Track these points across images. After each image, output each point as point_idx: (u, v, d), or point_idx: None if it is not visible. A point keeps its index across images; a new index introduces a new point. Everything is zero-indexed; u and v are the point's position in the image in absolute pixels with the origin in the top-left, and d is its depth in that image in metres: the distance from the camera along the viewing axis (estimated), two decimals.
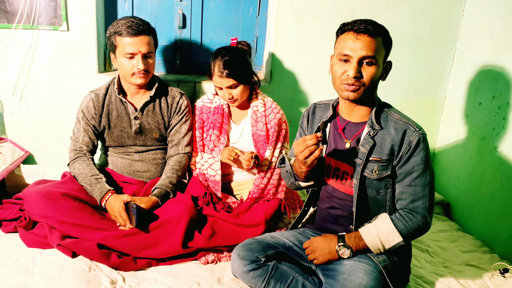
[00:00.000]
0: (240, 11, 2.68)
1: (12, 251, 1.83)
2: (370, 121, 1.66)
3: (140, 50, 2.03)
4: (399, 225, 1.61)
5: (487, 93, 2.46)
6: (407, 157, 1.61)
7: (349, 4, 2.60)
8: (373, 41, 1.54)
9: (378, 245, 1.63)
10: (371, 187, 1.68)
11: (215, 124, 2.23)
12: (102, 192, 2.01)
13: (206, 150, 2.26)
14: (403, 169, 1.63)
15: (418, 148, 1.60)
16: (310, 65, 2.68)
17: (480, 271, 2.07)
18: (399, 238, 1.61)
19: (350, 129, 1.72)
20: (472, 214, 2.56)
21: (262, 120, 2.22)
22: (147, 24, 2.08)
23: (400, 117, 1.66)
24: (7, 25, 2.35)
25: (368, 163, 1.65)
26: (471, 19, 2.66)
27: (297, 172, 1.76)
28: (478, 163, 2.52)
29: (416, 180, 1.62)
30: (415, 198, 1.63)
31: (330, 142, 1.77)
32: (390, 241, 1.62)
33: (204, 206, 2.08)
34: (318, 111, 1.86)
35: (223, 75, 2.07)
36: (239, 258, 1.73)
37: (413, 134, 1.60)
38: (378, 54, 1.56)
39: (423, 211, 1.63)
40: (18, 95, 2.49)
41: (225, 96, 2.14)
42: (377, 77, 1.60)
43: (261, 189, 2.21)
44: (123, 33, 2.01)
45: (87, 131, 2.16)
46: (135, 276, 1.82)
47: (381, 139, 1.64)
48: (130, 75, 2.07)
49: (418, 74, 2.81)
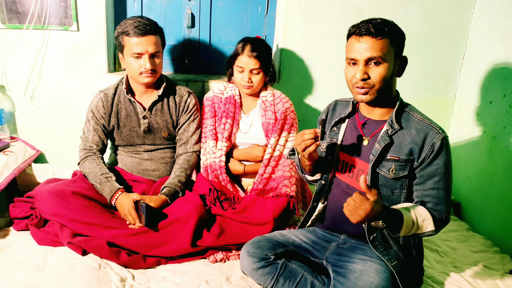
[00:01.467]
0: (249, 10, 2.69)
1: (23, 248, 1.86)
2: (390, 119, 1.64)
3: (147, 50, 2.04)
4: (434, 215, 1.59)
5: (498, 91, 2.44)
6: (430, 160, 1.59)
7: (358, 2, 2.59)
8: (377, 41, 1.52)
9: (413, 224, 1.55)
10: (386, 186, 1.67)
11: (228, 114, 2.25)
12: (112, 191, 2.02)
13: (220, 138, 2.26)
14: (425, 172, 1.61)
15: (442, 151, 1.58)
16: (318, 64, 2.68)
17: (490, 272, 2.05)
18: (432, 226, 1.58)
19: (370, 126, 1.71)
20: (482, 214, 2.54)
21: (271, 109, 2.25)
22: (154, 24, 2.09)
23: (422, 118, 1.64)
24: (19, 26, 2.38)
25: (385, 161, 1.64)
26: (482, 17, 2.63)
27: (303, 165, 1.79)
28: (489, 162, 2.49)
29: (439, 183, 1.61)
30: (438, 202, 1.62)
31: (347, 138, 1.76)
32: (424, 227, 1.58)
33: (212, 206, 2.09)
34: (339, 107, 1.85)
35: (252, 55, 2.13)
36: (248, 256, 1.74)
37: (436, 136, 1.58)
38: (386, 53, 1.54)
39: (445, 214, 1.63)
40: (29, 95, 2.52)
41: (245, 78, 2.16)
42: (388, 75, 1.57)
43: (266, 179, 2.22)
44: (130, 33, 2.02)
45: (97, 131, 2.18)
46: (145, 274, 1.84)
47: (400, 138, 1.62)
48: (138, 75, 2.08)
49: (428, 73, 2.79)
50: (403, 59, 1.64)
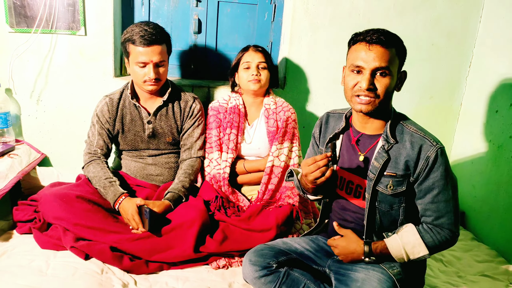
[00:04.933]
0: (255, 16, 2.69)
1: (26, 252, 1.86)
2: (385, 134, 1.60)
3: (152, 59, 2.04)
4: (426, 238, 1.58)
5: (504, 100, 2.43)
6: (425, 174, 1.55)
7: (365, 10, 2.59)
8: (386, 52, 1.50)
9: (403, 255, 1.59)
10: (385, 202, 1.64)
11: (233, 124, 2.25)
12: (116, 195, 2.03)
13: (224, 149, 2.26)
14: (423, 186, 1.58)
15: (437, 164, 1.54)
16: (324, 71, 2.68)
17: (495, 282, 2.04)
18: (425, 251, 1.58)
19: (364, 141, 1.68)
20: (487, 224, 2.52)
21: (274, 117, 2.27)
22: (160, 33, 2.07)
23: (416, 129, 1.59)
24: (27, 30, 2.39)
25: (383, 177, 1.61)
26: (489, 26, 2.63)
27: (304, 187, 1.75)
28: (494, 172, 2.48)
29: (438, 196, 1.57)
30: (439, 215, 1.58)
31: (343, 154, 1.73)
32: (415, 253, 1.59)
33: (216, 211, 2.09)
34: (332, 121, 1.81)
35: (258, 49, 2.24)
36: (250, 264, 1.73)
37: (430, 149, 1.54)
38: (392, 65, 1.52)
39: (449, 226, 1.58)
40: (36, 98, 2.53)
41: (253, 71, 2.20)
42: (392, 88, 1.55)
43: (272, 191, 2.21)
44: (136, 42, 2.02)
45: (102, 135, 2.19)
46: (147, 279, 1.83)
47: (396, 153, 1.59)
48: (142, 82, 2.09)
49: (434, 81, 2.78)
50: (403, 74, 1.62)
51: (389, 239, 1.63)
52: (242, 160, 2.31)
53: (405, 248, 1.59)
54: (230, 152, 2.24)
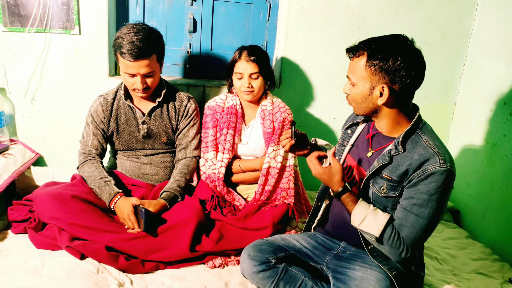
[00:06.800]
0: (250, 16, 2.69)
1: (21, 252, 1.85)
2: (397, 141, 1.58)
3: (139, 72, 2.00)
4: (388, 230, 1.54)
5: (499, 99, 2.44)
6: (414, 182, 1.52)
7: (360, 9, 2.60)
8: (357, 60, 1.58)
9: (358, 220, 1.58)
10: (378, 202, 1.63)
11: (229, 124, 2.24)
12: (111, 195, 2.02)
13: (220, 149, 2.25)
14: (406, 192, 1.55)
15: (430, 178, 1.49)
16: (319, 70, 2.68)
17: (489, 280, 2.05)
18: (376, 234, 1.54)
19: (379, 140, 1.68)
20: (482, 222, 2.53)
21: (270, 118, 2.25)
22: (148, 45, 1.97)
23: (431, 144, 1.54)
24: (21, 29, 2.38)
25: (379, 178, 1.61)
26: (483, 25, 2.64)
27: None
28: (489, 170, 2.49)
29: (413, 207, 1.52)
30: (403, 223, 1.54)
31: (358, 144, 1.77)
32: (368, 227, 1.56)
33: (212, 210, 2.09)
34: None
35: (250, 59, 2.14)
36: (249, 259, 1.74)
37: (434, 164, 1.48)
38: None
39: (405, 239, 1.54)
40: (30, 98, 2.52)
41: (245, 84, 2.16)
42: (363, 96, 1.58)
43: (269, 192, 2.21)
44: (124, 55, 1.96)
45: (96, 135, 2.18)
46: (143, 279, 1.83)
47: (400, 160, 1.56)
48: (132, 90, 2.08)
49: (428, 80, 2.77)
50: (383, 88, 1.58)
51: (364, 203, 1.61)
52: (238, 159, 2.31)
53: (367, 217, 1.56)
54: (226, 152, 2.23)
